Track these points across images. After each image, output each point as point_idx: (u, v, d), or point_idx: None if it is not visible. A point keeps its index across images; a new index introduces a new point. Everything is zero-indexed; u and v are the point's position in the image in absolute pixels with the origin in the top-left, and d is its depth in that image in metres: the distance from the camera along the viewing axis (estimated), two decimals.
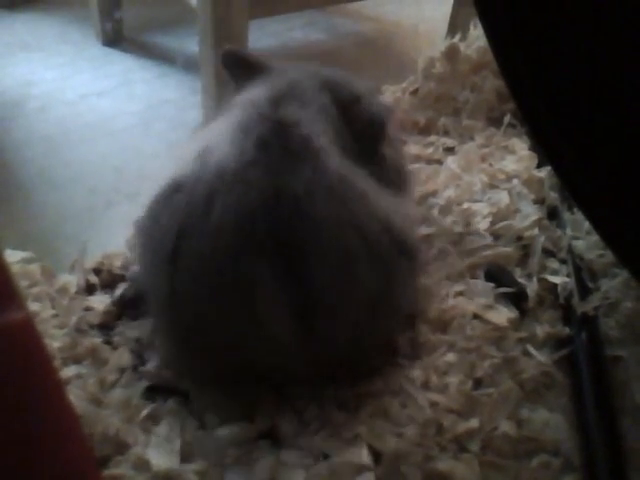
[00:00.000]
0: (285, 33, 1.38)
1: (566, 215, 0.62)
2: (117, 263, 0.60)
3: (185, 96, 1.19)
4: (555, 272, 0.58)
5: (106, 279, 0.60)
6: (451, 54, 0.76)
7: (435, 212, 0.65)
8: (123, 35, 1.30)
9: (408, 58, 1.32)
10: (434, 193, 0.67)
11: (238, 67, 0.59)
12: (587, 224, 0.60)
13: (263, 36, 1.35)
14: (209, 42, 0.92)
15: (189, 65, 1.26)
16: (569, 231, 0.61)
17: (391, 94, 0.75)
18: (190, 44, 1.31)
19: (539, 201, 0.65)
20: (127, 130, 1.09)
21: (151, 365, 0.54)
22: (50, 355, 0.30)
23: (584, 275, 0.58)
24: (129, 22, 1.31)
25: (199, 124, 1.05)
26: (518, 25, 0.46)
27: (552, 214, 0.63)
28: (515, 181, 0.67)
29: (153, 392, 0.52)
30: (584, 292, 0.57)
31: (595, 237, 0.59)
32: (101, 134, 1.08)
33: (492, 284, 0.57)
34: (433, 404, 0.51)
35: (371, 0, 1.18)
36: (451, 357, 0.53)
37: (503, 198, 0.63)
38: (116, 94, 1.18)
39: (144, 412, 0.49)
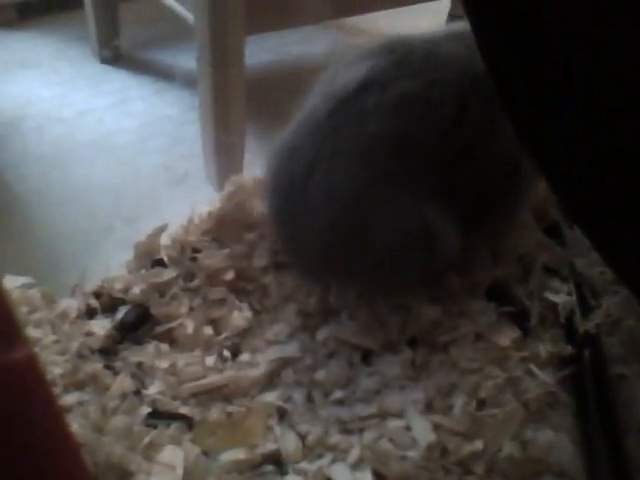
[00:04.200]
0: (281, 48, 1.39)
1: (567, 232, 0.62)
2: (117, 286, 0.60)
3: (183, 112, 1.20)
4: (556, 290, 0.58)
5: (106, 303, 0.59)
6: None
7: None
8: (120, 53, 1.31)
9: None
10: None
11: None
12: (587, 242, 0.60)
13: (259, 51, 1.35)
14: (207, 58, 0.92)
15: (187, 81, 1.26)
16: (570, 249, 0.61)
17: None
18: (187, 60, 1.31)
19: (539, 219, 0.64)
20: (125, 147, 1.10)
21: (152, 390, 0.54)
22: (52, 392, 0.30)
23: (585, 293, 0.57)
24: (126, 40, 1.32)
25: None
26: (514, 45, 0.46)
27: (552, 231, 0.63)
28: None
29: (155, 417, 0.52)
30: (586, 310, 0.56)
31: (596, 254, 0.59)
32: (99, 152, 1.08)
33: (493, 303, 0.57)
34: (437, 426, 0.51)
35: (367, 14, 1.19)
36: (454, 378, 0.53)
37: None
38: (114, 111, 1.18)
39: (146, 439, 0.49)
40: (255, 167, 1.04)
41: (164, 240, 0.62)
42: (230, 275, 0.60)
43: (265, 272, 0.62)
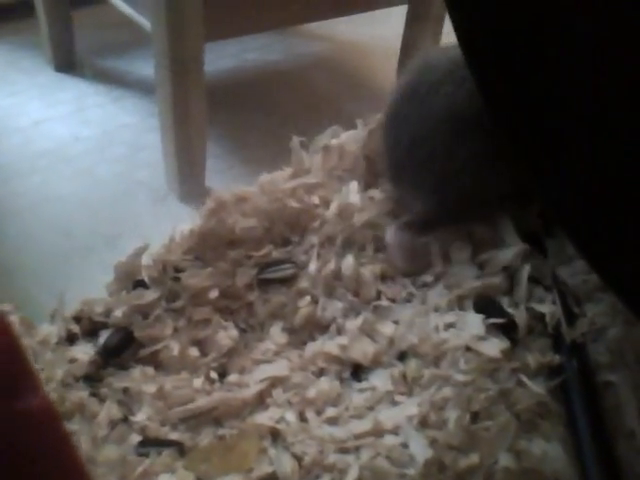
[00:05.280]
0: (240, 55, 1.38)
1: (547, 241, 0.63)
2: (98, 309, 0.58)
3: (142, 119, 1.18)
4: (541, 300, 0.58)
5: (87, 327, 0.58)
6: None
7: None
8: (75, 60, 1.27)
9: (363, 75, 1.33)
10: None
11: None
12: (569, 249, 0.61)
13: (218, 58, 1.35)
14: (165, 65, 0.91)
15: (144, 88, 1.25)
16: (551, 257, 0.61)
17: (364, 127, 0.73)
18: (143, 67, 1.30)
19: (519, 227, 0.65)
20: (84, 156, 1.08)
21: (141, 416, 0.52)
22: (68, 434, 0.29)
23: (569, 301, 0.58)
24: (81, 47, 1.29)
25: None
26: (512, 78, 0.46)
27: (532, 240, 0.63)
28: None
29: (146, 445, 0.50)
30: (571, 318, 0.57)
31: (578, 262, 0.60)
32: (56, 161, 1.06)
33: (482, 315, 0.57)
34: (433, 441, 0.50)
35: (325, 20, 1.19)
36: (447, 392, 0.53)
37: (486, 228, 0.63)
38: (71, 120, 1.16)
39: (139, 469, 0.48)
40: (217, 173, 1.03)
41: (144, 260, 0.61)
42: (214, 294, 0.59)
43: (249, 289, 0.61)
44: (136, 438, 0.51)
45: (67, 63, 1.26)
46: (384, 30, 1.43)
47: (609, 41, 0.42)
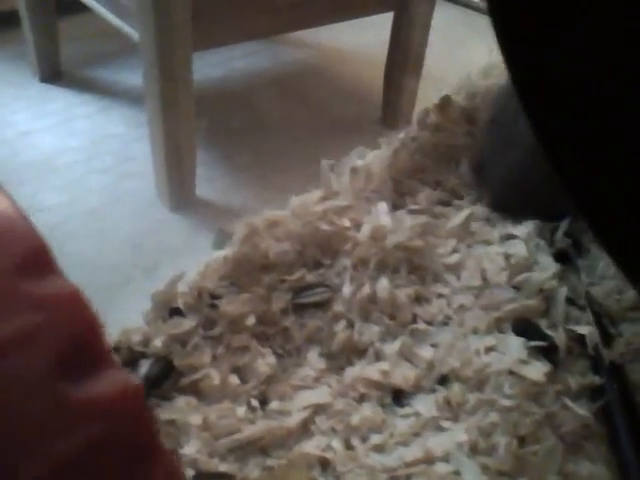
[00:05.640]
0: (227, 63, 1.36)
1: (579, 261, 0.64)
2: (136, 339, 0.57)
3: (130, 129, 1.16)
4: (578, 321, 0.59)
5: (126, 356, 0.56)
6: (444, 105, 0.76)
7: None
8: (61, 71, 1.25)
9: (348, 81, 1.33)
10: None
11: None
12: (600, 269, 0.62)
13: (205, 66, 1.33)
14: (153, 74, 0.90)
15: (132, 97, 1.23)
16: (584, 277, 0.62)
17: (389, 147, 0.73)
18: (130, 76, 1.27)
19: (552, 248, 0.65)
20: (71, 167, 1.05)
21: (190, 449, 0.51)
22: None
23: (605, 322, 0.59)
24: (67, 57, 1.26)
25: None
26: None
27: (565, 260, 0.64)
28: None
29: (200, 479, 0.49)
30: (607, 339, 0.58)
31: (611, 282, 0.61)
32: (44, 172, 1.03)
33: (523, 338, 0.57)
34: (484, 468, 0.51)
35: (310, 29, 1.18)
36: (494, 417, 0.53)
37: (520, 250, 0.63)
38: (58, 131, 1.13)
39: None
40: (207, 181, 1.02)
41: (179, 286, 0.60)
42: (251, 320, 0.58)
43: (285, 314, 0.60)
44: (189, 472, 0.49)
45: (53, 74, 1.23)
46: (369, 37, 1.44)
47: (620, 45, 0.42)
